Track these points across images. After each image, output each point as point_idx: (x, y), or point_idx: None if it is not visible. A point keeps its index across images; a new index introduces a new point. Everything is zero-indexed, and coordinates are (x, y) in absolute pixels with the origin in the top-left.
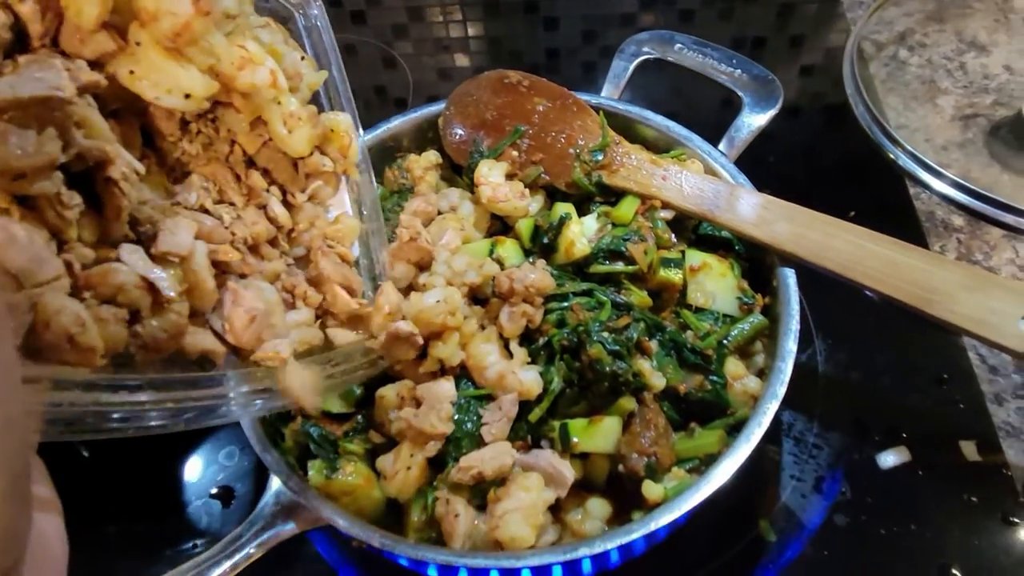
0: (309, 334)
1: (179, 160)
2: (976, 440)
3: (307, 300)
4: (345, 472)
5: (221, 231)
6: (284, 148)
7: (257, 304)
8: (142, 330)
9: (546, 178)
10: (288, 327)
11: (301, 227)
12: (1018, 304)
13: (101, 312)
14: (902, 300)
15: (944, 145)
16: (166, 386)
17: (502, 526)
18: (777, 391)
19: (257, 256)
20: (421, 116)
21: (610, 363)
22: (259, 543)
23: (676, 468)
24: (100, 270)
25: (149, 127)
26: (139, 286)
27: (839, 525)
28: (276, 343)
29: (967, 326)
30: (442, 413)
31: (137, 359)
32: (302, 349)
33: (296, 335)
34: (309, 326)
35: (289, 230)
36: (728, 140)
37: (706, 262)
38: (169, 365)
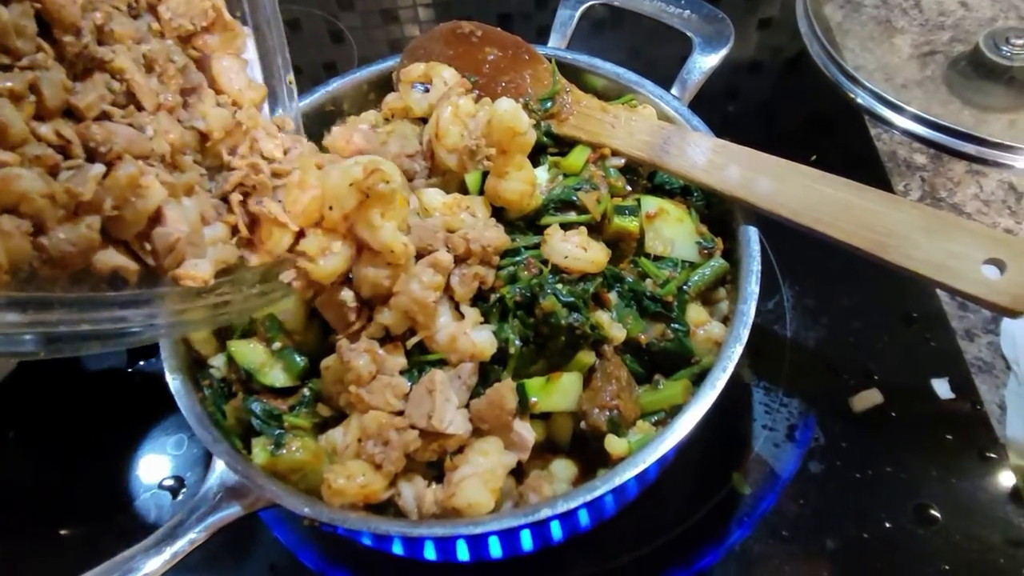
0: (226, 252)
1: (80, 54)
2: (948, 378)
3: (223, 217)
4: (291, 448)
5: (142, 143)
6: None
7: (181, 226)
8: (47, 243)
9: None
10: (205, 244)
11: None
12: (980, 247)
13: (3, 223)
14: (857, 246)
15: (904, 84)
16: (80, 305)
17: (459, 492)
18: (741, 334)
19: (172, 168)
20: (361, 77)
21: (565, 316)
22: (202, 528)
23: (641, 422)
24: (1, 175)
25: (47, 15)
26: (44, 194)
27: (814, 472)
28: (196, 263)
29: (926, 272)
30: (397, 389)
31: (40, 275)
32: (219, 268)
33: (213, 253)
34: (225, 243)
35: (205, 138)
36: (680, 83)
37: (663, 208)
38: (76, 284)
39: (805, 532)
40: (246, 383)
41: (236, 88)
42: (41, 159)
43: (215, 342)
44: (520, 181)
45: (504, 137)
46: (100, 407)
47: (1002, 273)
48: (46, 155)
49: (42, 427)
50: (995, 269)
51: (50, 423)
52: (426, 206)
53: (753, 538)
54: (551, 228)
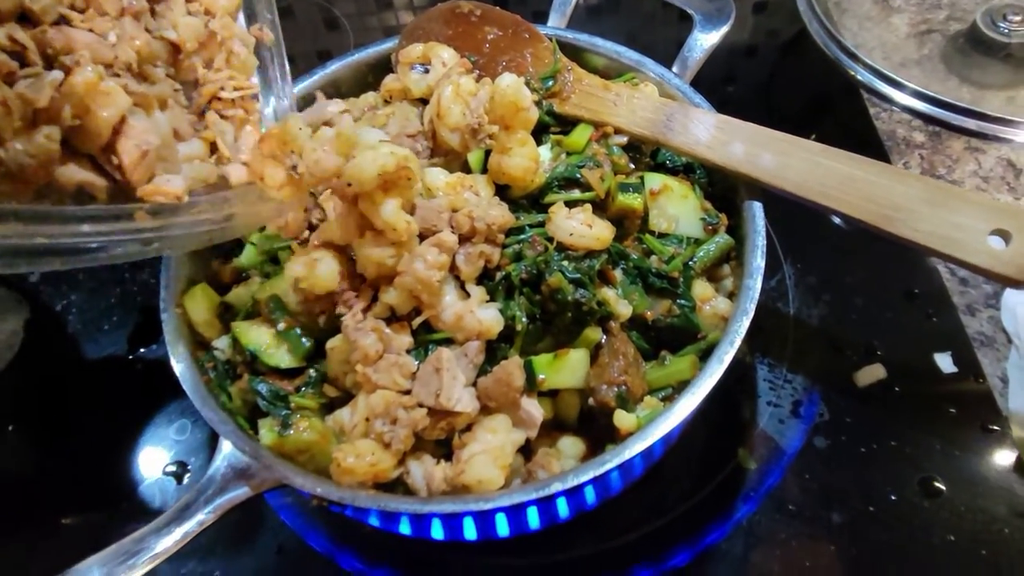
0: (204, 170)
1: None
2: (951, 352)
3: (201, 133)
4: (299, 428)
5: (104, 49)
6: None
7: (150, 137)
8: (4, 155)
9: None
10: (179, 160)
11: (189, 46)
12: (985, 218)
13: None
14: (862, 219)
15: (902, 62)
16: (35, 218)
17: (468, 469)
18: (748, 308)
19: (141, 80)
20: (360, 59)
21: (571, 292)
22: (211, 509)
23: (649, 397)
24: None
25: None
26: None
27: (819, 447)
28: (168, 178)
29: (931, 244)
30: (404, 369)
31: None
32: (197, 187)
33: (189, 170)
34: (203, 161)
35: (177, 49)
36: (681, 62)
37: (667, 184)
38: (41, 200)
39: (811, 506)
40: (251, 364)
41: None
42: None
43: (219, 324)
44: (524, 157)
45: (507, 112)
46: (101, 394)
47: (1007, 244)
48: (2, 62)
49: (42, 416)
50: (1000, 240)
51: (51, 411)
52: (429, 186)
53: (759, 513)
54: (556, 206)
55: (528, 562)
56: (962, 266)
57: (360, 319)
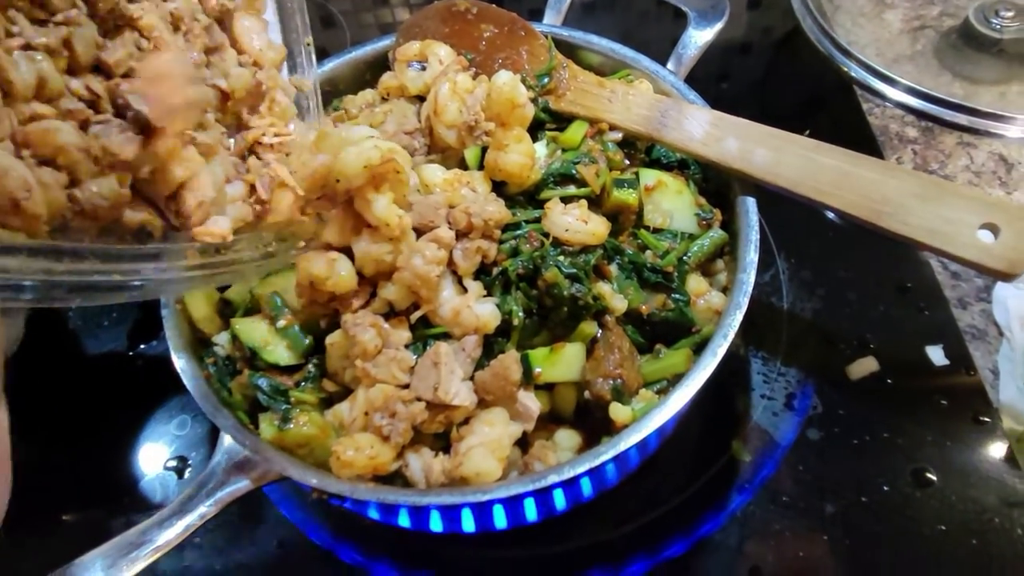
0: (244, 211)
1: (111, 11)
2: (943, 345)
3: (243, 176)
4: (299, 423)
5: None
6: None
7: (209, 191)
8: (80, 195)
9: None
10: (226, 201)
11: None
12: (975, 212)
13: (43, 175)
14: (854, 214)
15: (895, 58)
16: (111, 257)
17: (466, 462)
18: (741, 302)
19: (198, 128)
20: (357, 57)
21: (567, 287)
22: (212, 502)
23: (644, 390)
24: (39, 127)
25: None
26: (81, 148)
27: (812, 440)
28: (217, 220)
29: (921, 238)
30: (403, 363)
31: (72, 226)
32: (236, 226)
33: (232, 211)
34: (244, 201)
35: (226, 97)
36: (676, 59)
37: (661, 180)
38: (104, 236)
39: (805, 497)
40: (250, 361)
41: (257, 48)
42: (73, 113)
43: (218, 321)
44: (520, 154)
45: (503, 109)
46: (102, 390)
47: (996, 237)
48: (77, 109)
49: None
50: (989, 234)
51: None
52: (426, 182)
53: (753, 504)
54: (552, 201)
55: (526, 554)
56: (952, 260)
57: (359, 315)
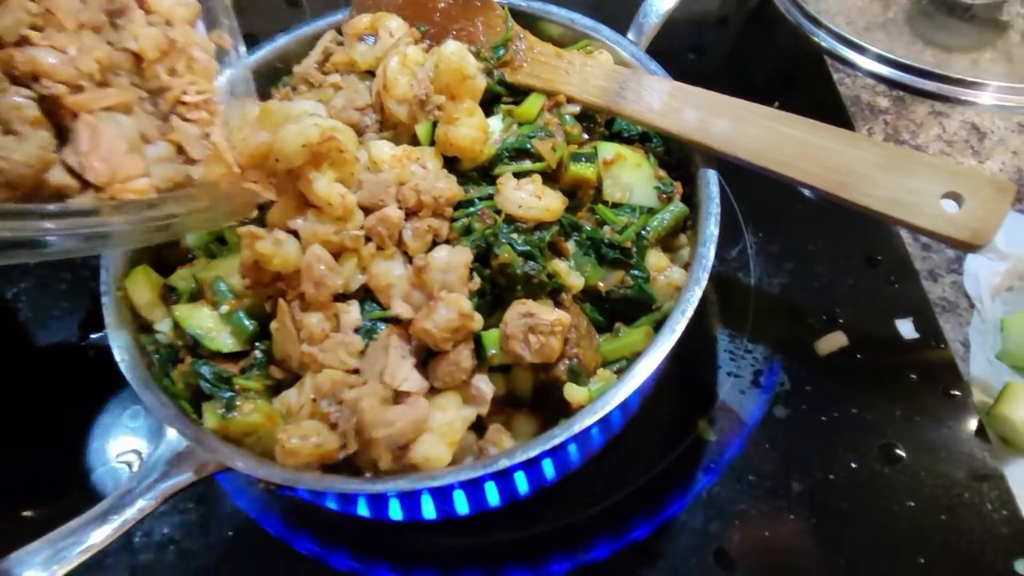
0: (171, 171)
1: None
2: (912, 318)
3: (166, 136)
4: (243, 411)
5: (66, 69)
6: None
7: (117, 143)
8: (6, 165)
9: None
10: (148, 163)
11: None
12: (938, 181)
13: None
14: (816, 186)
15: (866, 26)
16: (14, 214)
17: (415, 448)
18: (700, 277)
19: (104, 87)
20: (310, 32)
21: (520, 265)
22: (152, 496)
23: (602, 370)
24: None
25: None
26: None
27: (779, 417)
28: (138, 181)
29: (884, 209)
30: (351, 347)
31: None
32: (166, 186)
33: (157, 171)
34: (171, 162)
35: (140, 59)
36: (636, 28)
37: (620, 153)
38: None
39: (771, 476)
40: (193, 349)
41: (166, 6)
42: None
43: (162, 307)
44: (471, 127)
45: (452, 81)
46: (53, 382)
47: (960, 207)
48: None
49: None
50: (953, 203)
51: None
52: (375, 159)
53: (720, 484)
54: (504, 177)
55: (489, 540)
56: (916, 231)
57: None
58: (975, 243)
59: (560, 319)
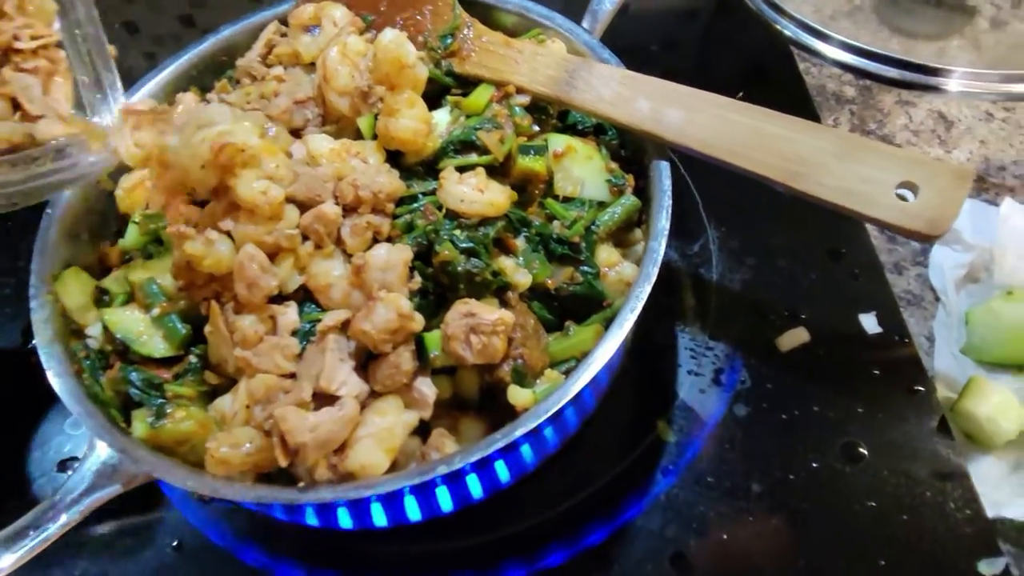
0: (6, 129)
1: None
2: (876, 312)
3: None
4: (175, 418)
5: None
6: None
7: None
8: None
9: None
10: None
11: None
12: (893, 170)
13: None
14: (768, 176)
15: (832, 15)
16: None
17: (352, 455)
18: (650, 272)
19: None
20: (255, 23)
21: (463, 263)
22: (77, 510)
23: (550, 371)
24: None
25: None
26: None
27: (740, 416)
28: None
29: (837, 199)
30: (287, 351)
31: None
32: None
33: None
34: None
35: None
36: (591, 15)
37: (571, 145)
38: None
39: (730, 477)
40: (124, 354)
41: None
42: None
43: (95, 311)
44: (412, 119)
45: (392, 70)
46: None
47: (915, 196)
48: None
49: None
50: (909, 193)
51: None
52: (313, 153)
53: (678, 486)
54: (446, 171)
55: (441, 547)
56: (871, 222)
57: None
58: (932, 233)
59: (502, 318)
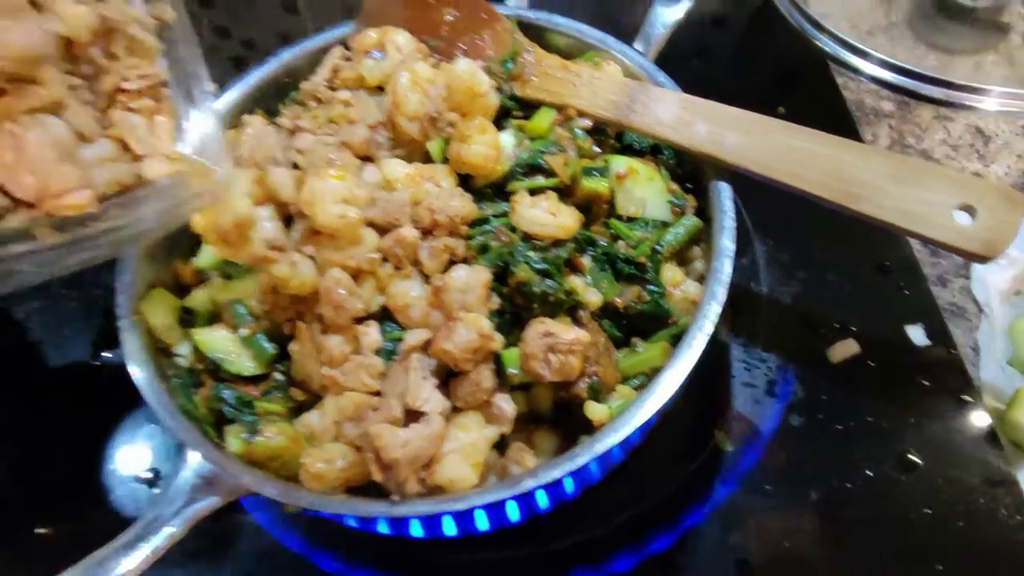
0: (118, 171)
1: None
2: (923, 324)
3: (108, 132)
4: (268, 434)
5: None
6: None
7: (45, 151)
8: None
9: None
10: (88, 167)
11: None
12: (951, 193)
13: None
14: (827, 197)
15: (869, 30)
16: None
17: (440, 469)
18: (716, 292)
19: (28, 84)
20: (315, 46)
21: (538, 283)
22: (180, 521)
23: (621, 386)
24: None
25: None
26: None
27: (795, 426)
28: (77, 194)
29: (896, 221)
30: (372, 369)
31: None
32: (113, 191)
33: (100, 175)
34: (115, 161)
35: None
36: (644, 39)
37: (632, 167)
38: None
39: (789, 485)
40: (214, 372)
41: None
42: None
43: (180, 330)
44: (483, 145)
45: (464, 99)
46: (67, 402)
47: (973, 219)
48: None
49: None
50: (966, 215)
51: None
52: (389, 178)
53: (738, 494)
54: (518, 195)
55: (511, 555)
56: (928, 242)
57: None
58: (987, 255)
59: (579, 338)
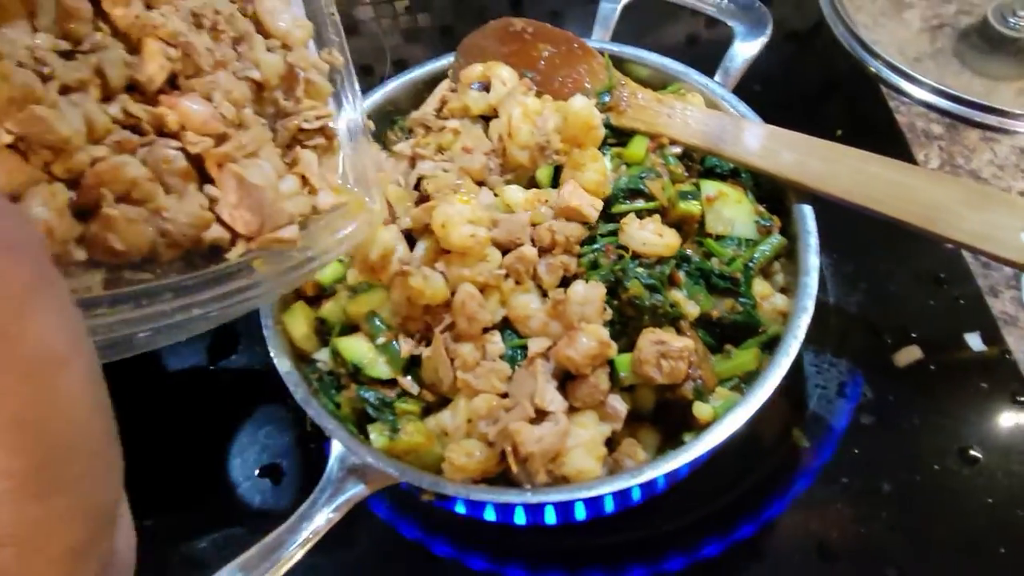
0: (301, 204)
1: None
2: (980, 331)
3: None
4: (407, 432)
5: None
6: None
7: (265, 193)
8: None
9: None
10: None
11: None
12: (1019, 217)
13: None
14: (907, 221)
15: (916, 57)
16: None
17: (567, 461)
18: (806, 305)
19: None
20: (416, 77)
21: (648, 297)
22: (335, 507)
23: (720, 388)
24: (108, 165)
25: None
26: (150, 178)
27: (865, 424)
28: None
29: (973, 242)
30: (501, 373)
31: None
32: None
33: (292, 207)
34: (299, 195)
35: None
36: (723, 71)
37: (722, 191)
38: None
39: (862, 478)
40: (354, 376)
41: (284, 29)
42: (122, 144)
43: (316, 339)
44: (595, 172)
45: (580, 132)
46: (188, 405)
47: None
48: (126, 139)
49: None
50: None
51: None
52: (508, 202)
53: (815, 487)
54: (628, 217)
55: (608, 541)
56: (1000, 262)
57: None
58: None
59: (687, 345)
